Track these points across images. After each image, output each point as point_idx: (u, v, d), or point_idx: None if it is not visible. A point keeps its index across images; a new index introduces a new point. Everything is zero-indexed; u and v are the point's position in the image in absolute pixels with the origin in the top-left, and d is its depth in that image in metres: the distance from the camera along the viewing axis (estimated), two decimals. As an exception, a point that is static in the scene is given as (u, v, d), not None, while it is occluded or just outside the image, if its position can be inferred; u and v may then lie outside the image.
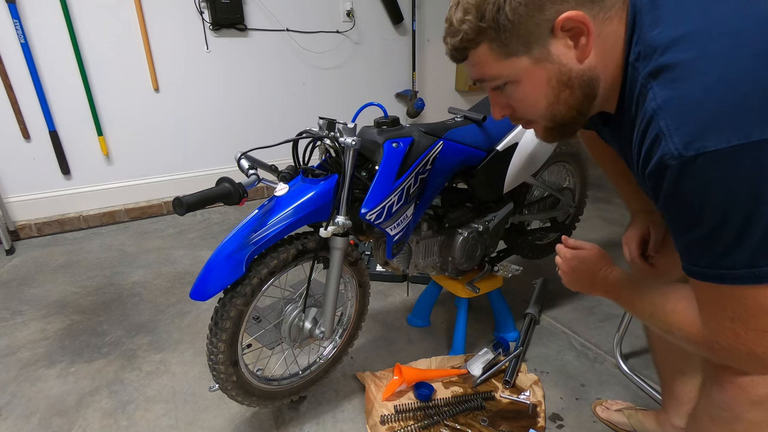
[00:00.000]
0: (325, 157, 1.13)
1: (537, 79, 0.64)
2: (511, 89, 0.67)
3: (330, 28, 3.04)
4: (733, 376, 0.63)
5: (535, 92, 0.66)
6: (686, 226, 0.57)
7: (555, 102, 0.66)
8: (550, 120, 0.69)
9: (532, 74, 0.64)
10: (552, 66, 0.62)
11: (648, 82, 0.57)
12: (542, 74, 0.63)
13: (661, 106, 0.54)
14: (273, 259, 1.05)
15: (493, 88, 0.70)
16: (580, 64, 0.62)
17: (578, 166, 1.80)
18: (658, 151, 0.54)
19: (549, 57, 0.62)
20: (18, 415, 1.30)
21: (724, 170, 0.50)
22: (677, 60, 0.54)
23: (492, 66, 0.65)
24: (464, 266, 1.41)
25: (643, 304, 0.74)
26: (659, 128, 0.54)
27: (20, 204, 2.46)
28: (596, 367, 1.46)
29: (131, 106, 2.59)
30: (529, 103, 0.68)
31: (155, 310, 1.80)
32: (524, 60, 0.63)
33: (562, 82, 0.63)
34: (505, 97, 0.70)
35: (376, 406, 1.26)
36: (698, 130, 0.51)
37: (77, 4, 2.31)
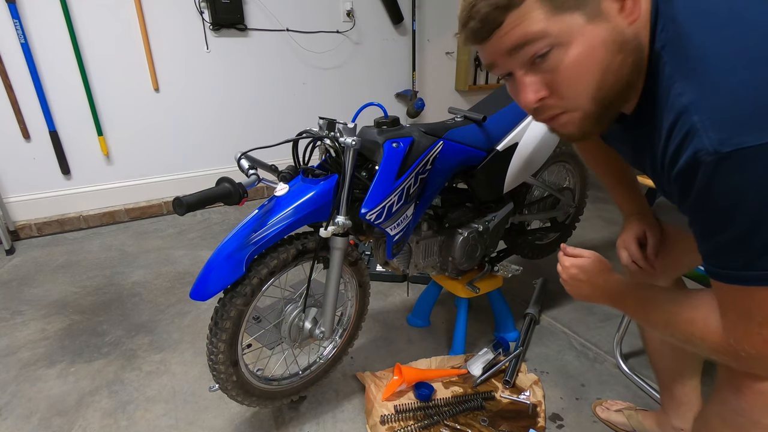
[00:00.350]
0: (325, 157, 1.13)
1: (591, 40, 0.55)
2: (558, 56, 0.56)
3: (330, 28, 3.04)
4: (753, 381, 0.61)
5: (588, 56, 0.55)
6: (718, 227, 0.54)
7: (608, 70, 0.56)
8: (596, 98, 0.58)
9: (586, 34, 0.54)
10: (607, 24, 0.54)
11: (674, 75, 0.54)
12: (597, 34, 0.55)
13: (695, 101, 0.51)
14: (273, 259, 1.05)
15: (530, 61, 0.58)
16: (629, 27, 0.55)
17: (578, 166, 1.80)
18: (690, 147, 0.52)
19: (602, 14, 0.54)
20: (18, 415, 1.30)
21: (762, 168, 0.48)
22: (709, 53, 0.51)
23: (538, 22, 0.55)
24: (464, 266, 1.41)
25: (655, 313, 0.71)
26: (692, 123, 0.51)
27: (20, 204, 2.46)
28: (596, 367, 1.46)
29: (131, 106, 2.59)
30: (581, 72, 0.56)
31: (155, 310, 1.80)
32: (577, 17, 0.54)
33: (617, 44, 0.55)
34: (545, 71, 0.58)
35: (376, 406, 1.26)
36: (736, 125, 0.48)
37: (77, 4, 2.31)
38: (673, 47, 0.54)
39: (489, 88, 3.73)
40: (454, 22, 3.52)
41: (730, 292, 0.57)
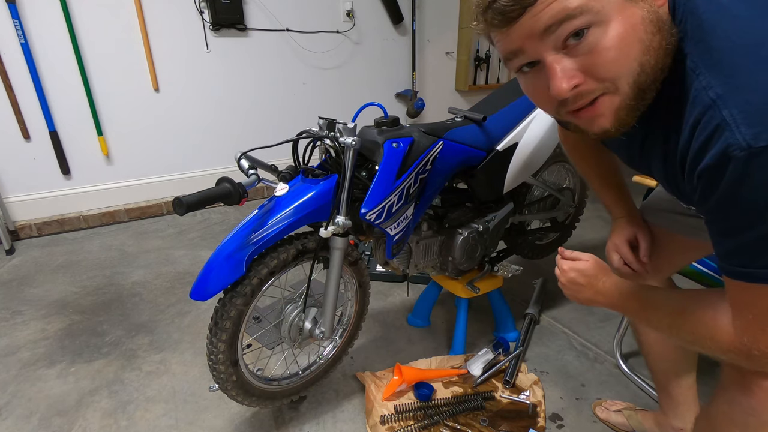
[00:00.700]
0: (325, 157, 1.13)
1: (632, 17, 0.52)
2: (597, 34, 0.52)
3: (330, 28, 3.04)
4: (764, 380, 0.61)
5: (629, 34, 0.52)
6: (745, 225, 0.53)
7: (648, 49, 0.53)
8: (635, 81, 0.55)
9: (626, 11, 0.52)
10: (644, 3, 0.52)
11: (697, 67, 0.52)
12: (636, 12, 0.52)
13: (723, 96, 0.50)
14: (273, 259, 1.05)
15: (564, 43, 0.54)
16: (660, 7, 0.54)
17: (578, 166, 1.80)
18: (720, 142, 0.50)
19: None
20: (18, 415, 1.30)
21: None
22: (735, 45, 0.50)
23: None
24: (464, 266, 1.41)
25: (659, 315, 0.70)
26: (721, 118, 0.49)
27: (20, 204, 2.46)
28: (596, 367, 1.46)
29: (131, 106, 2.59)
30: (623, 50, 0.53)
31: (155, 310, 1.80)
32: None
33: (654, 23, 0.53)
34: (582, 53, 0.54)
35: (376, 406, 1.26)
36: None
37: (77, 4, 2.31)
38: (695, 39, 0.52)
39: (489, 88, 3.73)
40: (455, 22, 3.52)
41: (750, 291, 0.56)
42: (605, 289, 0.80)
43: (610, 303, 0.80)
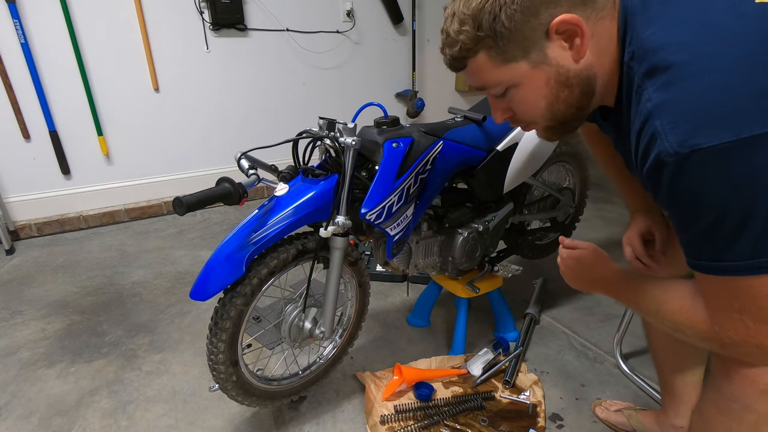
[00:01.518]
0: (325, 157, 1.13)
1: (536, 82, 0.66)
2: (512, 93, 0.69)
3: (330, 28, 3.04)
4: (741, 367, 0.64)
5: (534, 94, 0.68)
6: (687, 222, 0.59)
7: (555, 101, 0.68)
8: (550, 119, 0.71)
9: (532, 77, 0.66)
10: (550, 68, 0.64)
11: (643, 83, 0.59)
12: (541, 77, 0.65)
13: (657, 108, 0.56)
14: (273, 259, 1.05)
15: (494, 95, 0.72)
16: (577, 63, 0.64)
17: (578, 166, 1.80)
18: (655, 149, 0.57)
19: (546, 60, 0.64)
20: (18, 415, 1.30)
21: (718, 166, 0.52)
22: (670, 62, 0.56)
23: (491, 73, 0.67)
24: (464, 266, 1.41)
25: (647, 302, 0.74)
26: (655, 128, 0.56)
27: (20, 204, 2.46)
28: (596, 367, 1.46)
29: (131, 106, 2.60)
30: (530, 105, 0.70)
31: (155, 310, 1.80)
32: (523, 65, 0.65)
33: (561, 82, 0.65)
34: (506, 102, 0.72)
35: (376, 406, 1.26)
36: (692, 129, 0.53)
37: (77, 4, 2.31)
38: (640, 58, 0.60)
39: (489, 88, 3.73)
40: (454, 22, 3.52)
41: (710, 282, 0.61)
42: (602, 276, 0.85)
43: (605, 289, 0.84)
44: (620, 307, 1.75)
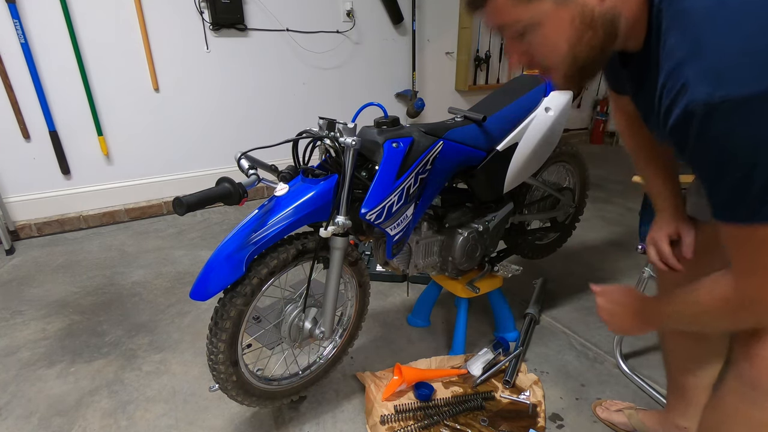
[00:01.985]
0: (325, 157, 1.13)
1: (559, 22, 0.62)
2: (532, 34, 0.64)
3: (330, 28, 3.04)
4: (761, 349, 0.65)
5: (557, 35, 0.63)
6: (718, 174, 0.57)
7: (577, 44, 0.63)
8: (571, 64, 0.66)
9: (555, 16, 0.62)
10: (575, 7, 0.61)
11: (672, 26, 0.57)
12: (565, 16, 0.61)
13: (688, 55, 0.55)
14: (273, 259, 1.05)
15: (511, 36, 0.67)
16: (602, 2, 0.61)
17: (578, 166, 1.80)
18: (683, 99, 0.55)
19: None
20: (18, 415, 1.30)
21: (749, 115, 0.51)
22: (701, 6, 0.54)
23: (512, 11, 0.63)
24: (464, 266, 1.41)
25: (679, 309, 0.74)
26: (685, 78, 0.55)
27: (20, 204, 2.46)
28: (596, 367, 1.46)
29: (131, 106, 2.59)
30: (551, 47, 0.65)
31: (155, 310, 1.80)
32: (546, 2, 0.61)
33: (585, 23, 0.62)
34: (525, 44, 0.67)
35: (376, 406, 1.26)
36: (723, 78, 0.52)
37: (77, 4, 2.31)
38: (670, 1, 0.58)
39: (489, 88, 3.73)
40: (455, 22, 3.52)
41: (739, 235, 0.60)
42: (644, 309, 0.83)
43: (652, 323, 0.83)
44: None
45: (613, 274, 2.02)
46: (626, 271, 2.03)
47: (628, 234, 2.42)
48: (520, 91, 1.44)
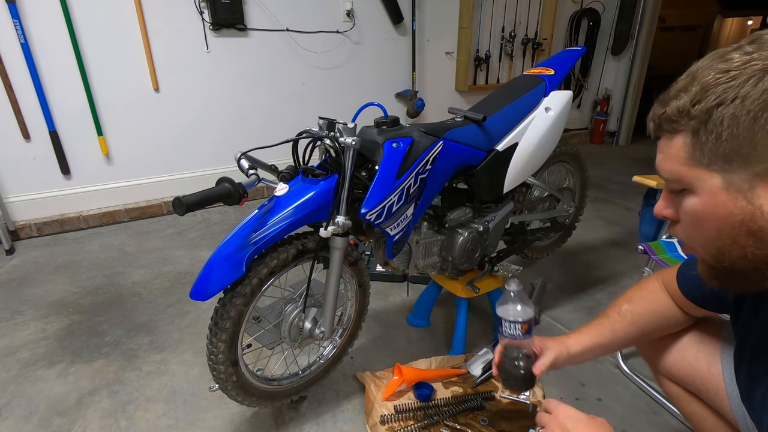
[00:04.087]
0: (325, 157, 1.13)
1: (719, 208, 0.51)
2: (687, 200, 0.54)
3: (330, 28, 3.04)
4: None
5: (709, 221, 0.52)
6: None
7: (730, 244, 0.52)
8: (715, 259, 0.55)
9: (716, 199, 0.50)
10: (746, 206, 0.49)
11: None
12: (728, 206, 0.50)
13: None
14: (273, 259, 1.05)
15: (669, 188, 0.57)
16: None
17: (578, 166, 1.80)
18: None
19: (747, 193, 0.48)
20: (18, 415, 1.30)
21: None
22: None
23: (675, 164, 0.52)
24: (464, 266, 1.41)
25: None
26: None
27: (20, 204, 2.46)
28: (596, 367, 1.46)
29: (131, 106, 2.60)
30: (698, 229, 0.54)
31: (155, 310, 1.80)
32: (716, 178, 0.50)
33: (750, 230, 0.49)
34: (677, 204, 0.56)
35: (376, 406, 1.26)
36: None
37: (77, 4, 2.31)
38: None
39: (489, 88, 3.73)
40: (455, 22, 3.52)
41: None
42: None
43: None
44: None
45: (613, 274, 2.02)
46: (626, 272, 2.03)
47: (627, 234, 2.42)
48: (520, 91, 1.44)
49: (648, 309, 0.86)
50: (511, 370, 0.86)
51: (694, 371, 0.86)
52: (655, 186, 1.47)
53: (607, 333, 0.88)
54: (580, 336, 0.90)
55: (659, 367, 0.93)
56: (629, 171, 3.60)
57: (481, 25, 3.60)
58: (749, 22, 7.74)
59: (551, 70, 1.51)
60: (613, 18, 4.27)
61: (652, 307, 0.86)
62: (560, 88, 1.50)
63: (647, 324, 0.86)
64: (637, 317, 0.87)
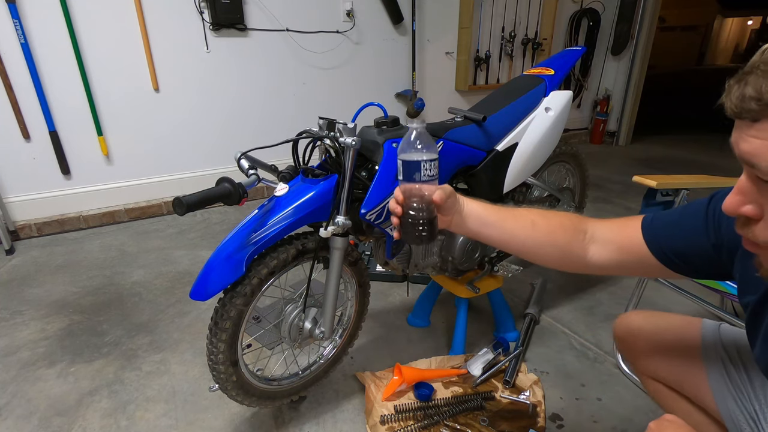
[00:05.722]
0: (325, 157, 1.13)
1: None
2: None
3: (330, 28, 3.04)
4: None
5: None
6: None
7: None
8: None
9: None
10: None
11: None
12: None
13: None
14: (273, 259, 1.05)
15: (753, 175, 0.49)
16: None
17: (578, 166, 1.80)
18: None
19: None
20: (18, 415, 1.30)
21: None
22: None
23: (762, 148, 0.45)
24: (464, 266, 1.41)
25: None
26: None
27: (20, 204, 2.46)
28: (596, 367, 1.46)
29: (131, 106, 2.60)
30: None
31: (155, 310, 1.80)
32: None
33: None
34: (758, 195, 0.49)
35: (376, 406, 1.26)
36: None
37: (77, 4, 2.31)
38: None
39: (489, 88, 3.73)
40: (455, 22, 3.52)
41: None
42: None
43: None
44: (620, 308, 1.75)
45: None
46: (626, 271, 2.02)
47: (628, 234, 2.41)
48: (520, 91, 1.44)
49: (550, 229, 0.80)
50: (414, 220, 0.75)
51: (675, 367, 0.87)
52: (655, 186, 1.47)
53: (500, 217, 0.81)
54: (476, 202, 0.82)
55: (640, 366, 0.94)
56: (629, 171, 3.60)
57: (481, 25, 3.60)
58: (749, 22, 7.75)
59: (551, 70, 1.52)
60: (613, 18, 4.27)
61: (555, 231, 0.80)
62: (560, 88, 1.50)
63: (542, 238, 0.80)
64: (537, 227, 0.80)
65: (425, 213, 0.75)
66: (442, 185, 0.77)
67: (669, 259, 0.72)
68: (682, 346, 0.87)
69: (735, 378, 0.79)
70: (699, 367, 0.84)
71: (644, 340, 0.91)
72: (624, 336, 0.96)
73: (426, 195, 0.75)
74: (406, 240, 0.78)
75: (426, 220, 0.75)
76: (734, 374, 0.80)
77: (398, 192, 0.76)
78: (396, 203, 0.76)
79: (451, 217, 0.79)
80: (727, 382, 0.80)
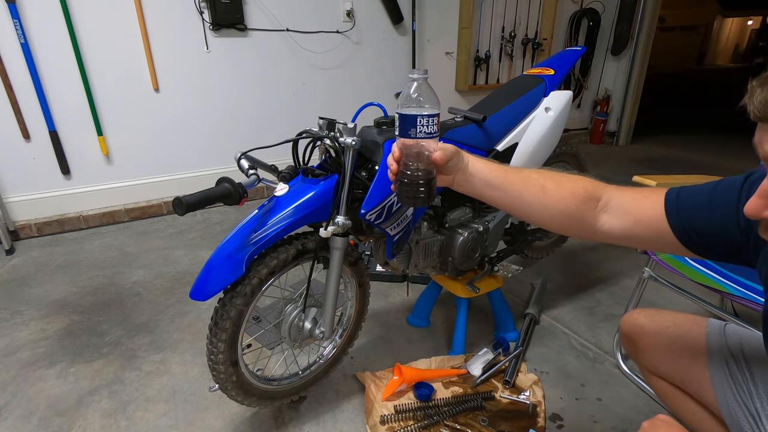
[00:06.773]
0: (325, 157, 1.13)
1: None
2: None
3: (330, 28, 3.04)
4: None
5: None
6: None
7: None
8: None
9: None
10: None
11: None
12: None
13: None
14: (273, 259, 1.05)
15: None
16: None
17: (578, 166, 1.80)
18: None
19: None
20: (18, 415, 1.30)
21: None
22: None
23: None
24: (464, 266, 1.41)
25: None
26: None
27: (20, 204, 2.46)
28: (596, 367, 1.46)
29: (131, 106, 2.59)
30: None
31: (155, 310, 1.80)
32: None
33: None
34: None
35: (376, 406, 1.26)
36: None
37: (77, 4, 2.31)
38: None
39: (489, 88, 3.73)
40: (455, 22, 3.52)
41: None
42: None
43: None
44: (620, 307, 1.76)
45: (613, 274, 2.02)
46: (626, 272, 2.03)
47: (628, 234, 2.41)
48: (520, 91, 1.44)
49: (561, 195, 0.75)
50: (411, 180, 0.70)
51: (678, 364, 0.87)
52: (654, 186, 1.47)
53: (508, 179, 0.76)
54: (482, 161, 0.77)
55: (644, 363, 0.94)
56: (629, 171, 3.60)
57: (481, 25, 3.60)
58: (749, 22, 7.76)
59: (551, 70, 1.52)
60: (613, 18, 4.27)
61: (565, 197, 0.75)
62: (560, 88, 1.50)
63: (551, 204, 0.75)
64: (548, 193, 0.75)
65: (423, 173, 0.69)
66: (444, 144, 0.71)
67: (689, 238, 0.67)
68: (687, 345, 0.87)
69: (737, 376, 0.80)
70: (702, 366, 0.84)
71: (649, 338, 0.91)
72: (629, 334, 0.96)
73: (426, 153, 0.69)
74: (401, 201, 0.73)
75: (424, 180, 0.70)
76: (737, 373, 0.80)
77: (395, 148, 0.70)
78: (393, 160, 0.71)
79: (453, 176, 0.74)
80: (729, 381, 0.80)
